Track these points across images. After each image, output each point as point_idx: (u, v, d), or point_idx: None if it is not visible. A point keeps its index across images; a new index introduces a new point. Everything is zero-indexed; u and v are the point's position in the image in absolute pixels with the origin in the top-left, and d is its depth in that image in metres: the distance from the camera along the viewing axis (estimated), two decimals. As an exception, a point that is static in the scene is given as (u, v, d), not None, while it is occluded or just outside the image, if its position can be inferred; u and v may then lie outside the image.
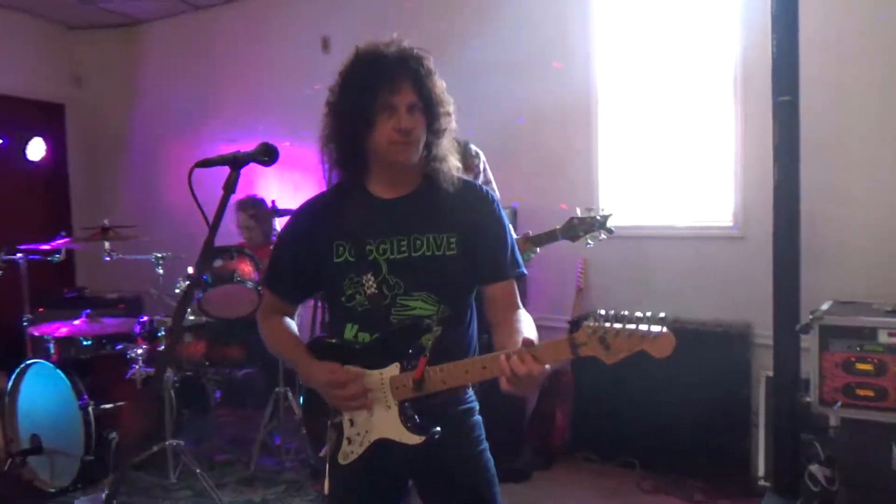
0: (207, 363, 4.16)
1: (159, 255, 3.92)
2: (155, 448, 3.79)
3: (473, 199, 1.88)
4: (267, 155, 1.80)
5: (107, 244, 3.87)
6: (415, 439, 1.71)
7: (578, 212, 3.19)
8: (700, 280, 4.11)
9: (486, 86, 4.68)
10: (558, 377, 4.31)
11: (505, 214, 1.93)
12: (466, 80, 4.66)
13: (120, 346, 4.09)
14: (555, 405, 4.28)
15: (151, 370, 3.79)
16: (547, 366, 1.57)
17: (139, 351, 3.80)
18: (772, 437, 3.60)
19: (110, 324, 4.12)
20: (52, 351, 4.09)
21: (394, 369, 1.74)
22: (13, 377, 3.92)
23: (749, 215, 3.97)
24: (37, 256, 4.23)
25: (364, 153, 1.80)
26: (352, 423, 1.80)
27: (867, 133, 3.65)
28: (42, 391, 3.86)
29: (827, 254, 3.62)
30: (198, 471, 3.65)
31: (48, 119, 6.24)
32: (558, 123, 4.52)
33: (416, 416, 1.72)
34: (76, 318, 4.13)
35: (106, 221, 3.96)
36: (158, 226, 5.44)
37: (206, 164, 1.74)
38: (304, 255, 1.89)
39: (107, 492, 3.29)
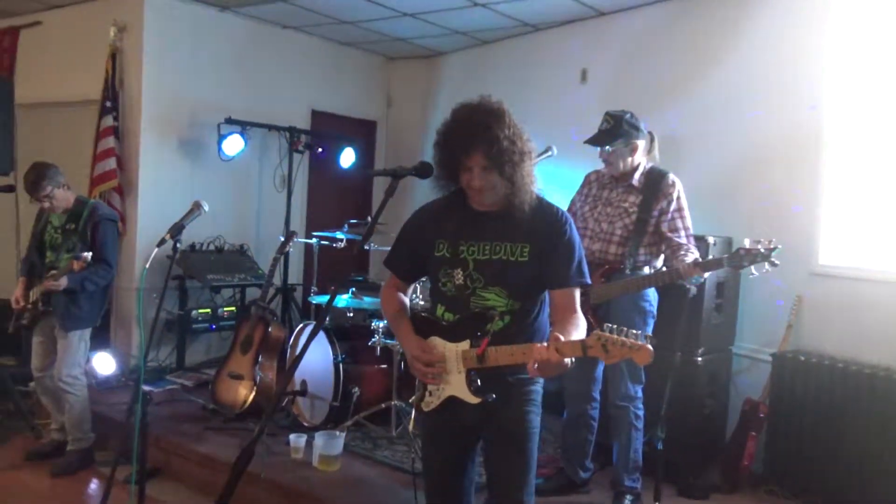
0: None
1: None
2: (383, 405, 4.63)
3: (548, 219, 2.36)
4: (422, 171, 2.46)
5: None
6: (474, 399, 2.27)
7: (747, 242, 3.33)
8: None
9: (716, 122, 4.85)
10: (755, 407, 4.34)
11: (576, 231, 2.40)
12: (699, 116, 4.91)
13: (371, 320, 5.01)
14: (747, 433, 4.31)
15: (388, 341, 4.64)
16: (567, 360, 2.08)
17: (381, 325, 4.67)
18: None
19: (368, 301, 5.06)
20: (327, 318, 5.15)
21: (465, 344, 2.30)
22: (294, 333, 5.05)
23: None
24: (325, 243, 5.36)
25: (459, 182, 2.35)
26: None
27: None
28: (313, 347, 4.90)
29: None
30: (410, 428, 4.40)
31: (364, 133, 7.59)
32: (784, 161, 4.53)
33: (478, 381, 2.28)
34: (344, 295, 5.15)
35: (369, 218, 4.90)
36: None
37: (375, 173, 2.49)
38: (415, 245, 2.50)
39: (339, 432, 4.18)
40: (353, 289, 5.07)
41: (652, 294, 3.78)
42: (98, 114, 5.84)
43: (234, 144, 6.01)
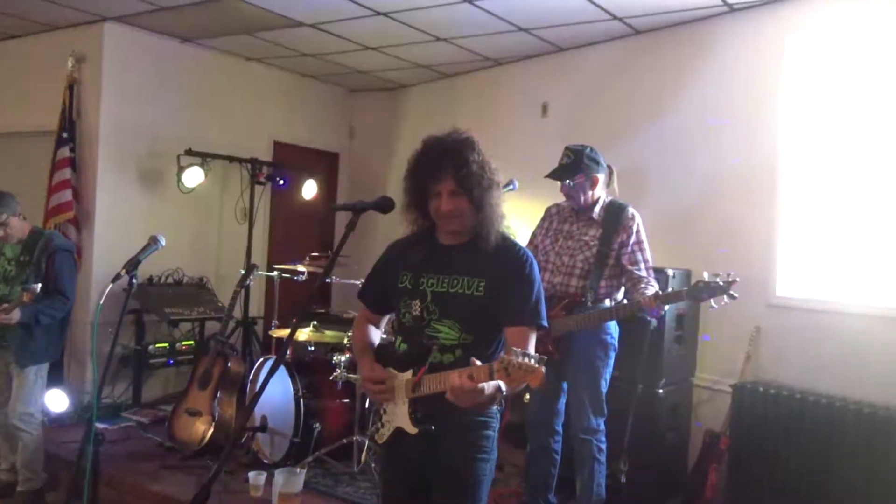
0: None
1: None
2: (344, 441, 4.57)
3: (508, 256, 2.35)
4: (383, 205, 2.46)
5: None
6: (412, 429, 2.27)
7: (706, 275, 3.38)
8: (875, 361, 3.96)
9: (677, 153, 4.95)
10: (716, 438, 4.37)
11: (537, 272, 2.38)
12: (657, 150, 5.01)
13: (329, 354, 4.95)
14: (709, 464, 4.34)
15: (350, 376, 4.59)
16: (482, 385, 2.04)
17: (343, 359, 4.62)
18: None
19: (330, 335, 5.01)
20: (287, 352, 5.09)
21: (408, 374, 2.31)
22: (254, 368, 4.97)
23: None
24: (287, 275, 5.31)
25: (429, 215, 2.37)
26: (384, 411, 2.40)
27: None
28: (273, 382, 4.83)
29: None
30: (373, 465, 4.35)
31: (326, 165, 7.57)
32: (741, 195, 4.63)
33: (419, 412, 2.27)
34: (306, 328, 5.10)
35: (330, 251, 4.88)
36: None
37: (338, 208, 2.49)
38: (384, 278, 2.51)
39: (299, 469, 4.10)
40: (315, 322, 5.02)
41: (613, 326, 3.80)
42: (54, 145, 5.74)
43: (193, 176, 5.96)
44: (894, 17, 4.10)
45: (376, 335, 2.60)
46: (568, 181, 3.81)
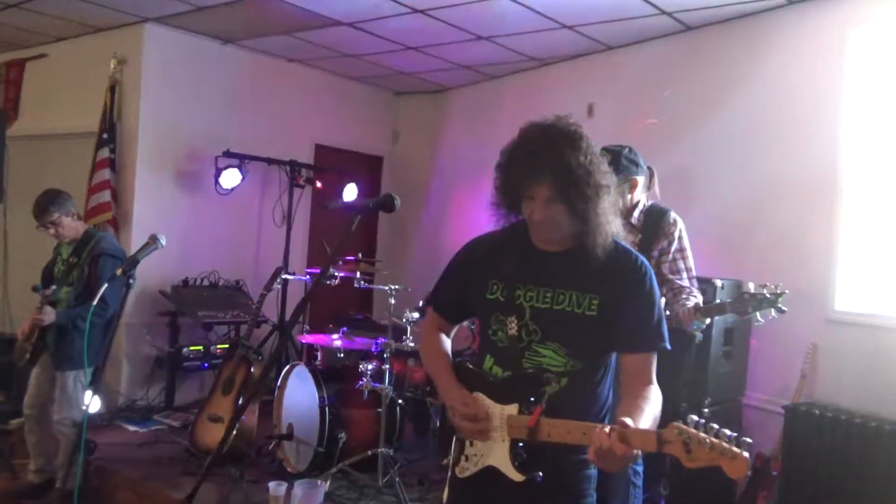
0: (428, 388, 4.67)
1: (393, 287, 4.55)
2: (369, 452, 4.39)
3: (625, 268, 1.96)
4: (384, 204, 2.25)
5: (357, 273, 4.62)
6: (517, 476, 1.88)
7: (751, 287, 3.09)
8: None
9: (730, 156, 4.64)
10: (767, 463, 4.04)
11: (657, 286, 2.00)
12: (709, 152, 4.71)
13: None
14: (758, 491, 4.01)
15: (376, 385, 4.42)
16: (636, 451, 1.66)
17: (370, 367, 4.45)
18: None
19: (360, 342, 4.85)
20: (319, 357, 4.96)
21: (513, 408, 1.91)
22: (282, 375, 4.84)
23: None
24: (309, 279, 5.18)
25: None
26: (472, 443, 2.01)
27: None
28: (301, 388, 4.71)
29: None
30: (397, 479, 4.16)
31: (369, 168, 7.45)
32: (799, 201, 4.29)
33: (525, 455, 1.88)
34: (336, 334, 4.95)
35: (360, 254, 4.73)
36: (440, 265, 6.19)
37: (334, 206, 2.24)
38: (465, 283, 2.12)
39: (320, 482, 3.94)
40: (346, 329, 4.88)
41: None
42: (95, 146, 5.76)
43: (231, 178, 5.90)
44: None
45: (449, 347, 2.22)
46: (604, 184, 3.55)
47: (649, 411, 1.82)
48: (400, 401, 4.65)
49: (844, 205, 4.13)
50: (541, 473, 1.86)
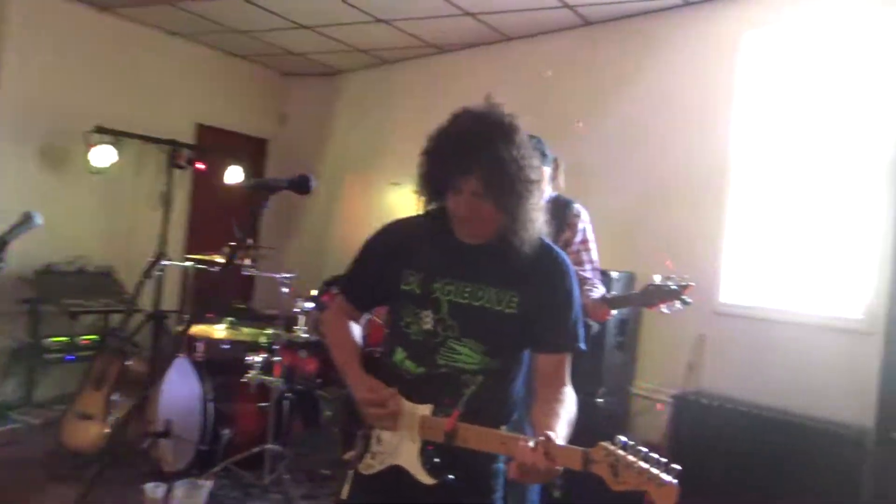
0: (319, 380, 4.48)
1: (286, 276, 4.33)
2: (256, 449, 4.16)
3: (547, 265, 1.88)
4: (300, 185, 2.16)
5: (247, 261, 4.36)
6: (427, 479, 1.79)
7: (657, 279, 3.12)
8: (818, 373, 3.78)
9: (624, 151, 4.71)
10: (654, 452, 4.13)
11: (577, 287, 1.93)
12: (603, 147, 4.76)
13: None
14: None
15: (265, 378, 4.19)
16: (558, 467, 1.60)
17: (258, 359, 4.21)
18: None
19: (246, 333, 4.59)
20: (198, 349, 4.64)
21: (426, 409, 1.82)
22: (161, 368, 4.52)
23: (883, 311, 3.60)
24: (202, 267, 4.86)
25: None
26: (379, 440, 1.90)
27: None
28: (181, 383, 4.40)
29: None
30: (286, 476, 3.95)
31: (253, 151, 7.11)
32: (688, 196, 4.40)
33: (435, 458, 1.79)
34: (221, 324, 4.67)
35: (250, 241, 4.48)
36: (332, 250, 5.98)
37: (248, 185, 2.02)
38: (379, 270, 1.97)
39: (202, 481, 3.68)
40: (232, 319, 4.60)
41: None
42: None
43: (103, 155, 5.45)
44: (854, 18, 3.93)
45: (359, 337, 2.07)
46: (510, 173, 3.50)
47: (566, 416, 1.78)
48: (289, 394, 4.43)
49: (731, 202, 4.27)
50: (452, 477, 1.78)
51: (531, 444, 1.59)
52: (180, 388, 4.33)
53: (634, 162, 4.67)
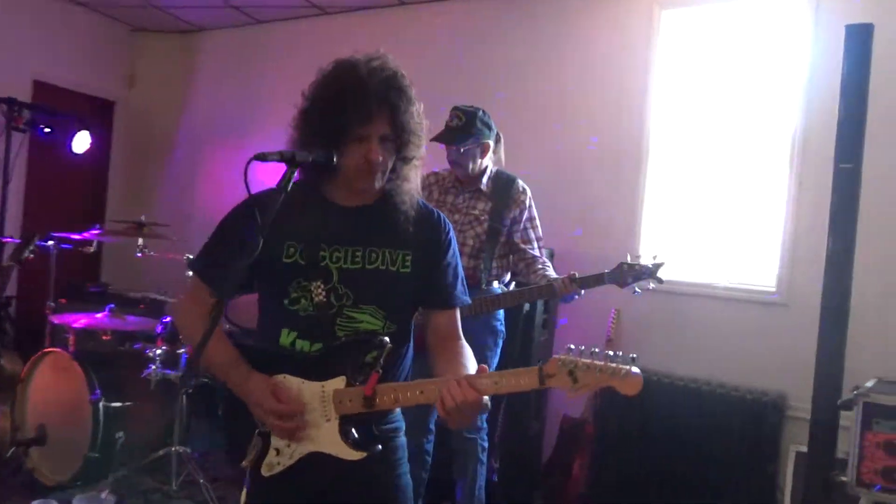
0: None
1: (191, 256, 3.86)
2: (161, 452, 3.71)
3: (431, 223, 1.90)
4: (325, 163, 1.78)
5: (140, 240, 3.84)
6: (354, 455, 1.68)
7: (629, 258, 3.12)
8: (735, 343, 3.98)
9: (537, 122, 4.67)
10: (580, 427, 4.18)
11: (457, 245, 1.97)
12: (520, 115, 4.68)
13: (139, 345, 4.02)
14: (573, 456, 4.13)
15: (168, 372, 3.73)
16: (485, 398, 1.57)
17: (158, 352, 3.74)
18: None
19: (133, 321, 4.07)
20: (70, 342, 4.04)
21: (339, 382, 1.70)
22: (28, 364, 3.87)
23: (794, 282, 3.86)
24: (69, 246, 4.22)
25: (332, 166, 1.73)
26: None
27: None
28: (56, 381, 3.81)
29: (874, 330, 3.48)
30: (201, 481, 3.55)
31: (98, 115, 6.31)
32: (607, 168, 4.46)
33: (355, 432, 1.70)
34: (98, 312, 4.09)
35: (143, 217, 3.94)
36: (190, 229, 5.42)
37: (264, 157, 1.66)
38: (249, 248, 1.63)
39: (105, 495, 3.21)
40: (113, 305, 4.05)
41: (502, 311, 3.40)
42: None
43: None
44: (766, 2, 4.12)
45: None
46: (458, 146, 3.33)
47: (472, 367, 1.75)
48: (187, 390, 3.98)
49: (648, 178, 4.37)
50: (379, 446, 1.72)
51: (455, 381, 1.58)
52: (58, 388, 3.77)
53: (549, 137, 4.62)
